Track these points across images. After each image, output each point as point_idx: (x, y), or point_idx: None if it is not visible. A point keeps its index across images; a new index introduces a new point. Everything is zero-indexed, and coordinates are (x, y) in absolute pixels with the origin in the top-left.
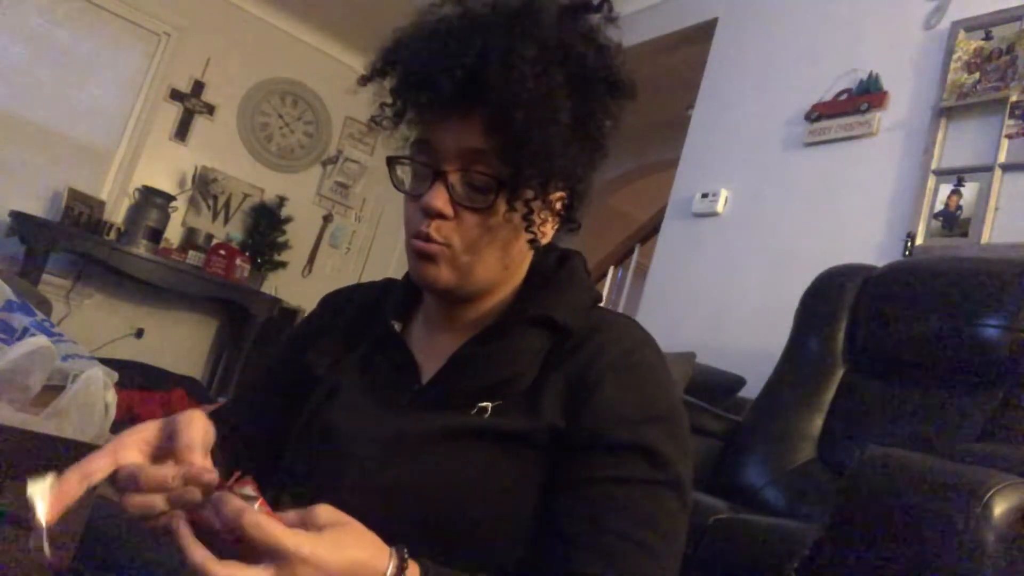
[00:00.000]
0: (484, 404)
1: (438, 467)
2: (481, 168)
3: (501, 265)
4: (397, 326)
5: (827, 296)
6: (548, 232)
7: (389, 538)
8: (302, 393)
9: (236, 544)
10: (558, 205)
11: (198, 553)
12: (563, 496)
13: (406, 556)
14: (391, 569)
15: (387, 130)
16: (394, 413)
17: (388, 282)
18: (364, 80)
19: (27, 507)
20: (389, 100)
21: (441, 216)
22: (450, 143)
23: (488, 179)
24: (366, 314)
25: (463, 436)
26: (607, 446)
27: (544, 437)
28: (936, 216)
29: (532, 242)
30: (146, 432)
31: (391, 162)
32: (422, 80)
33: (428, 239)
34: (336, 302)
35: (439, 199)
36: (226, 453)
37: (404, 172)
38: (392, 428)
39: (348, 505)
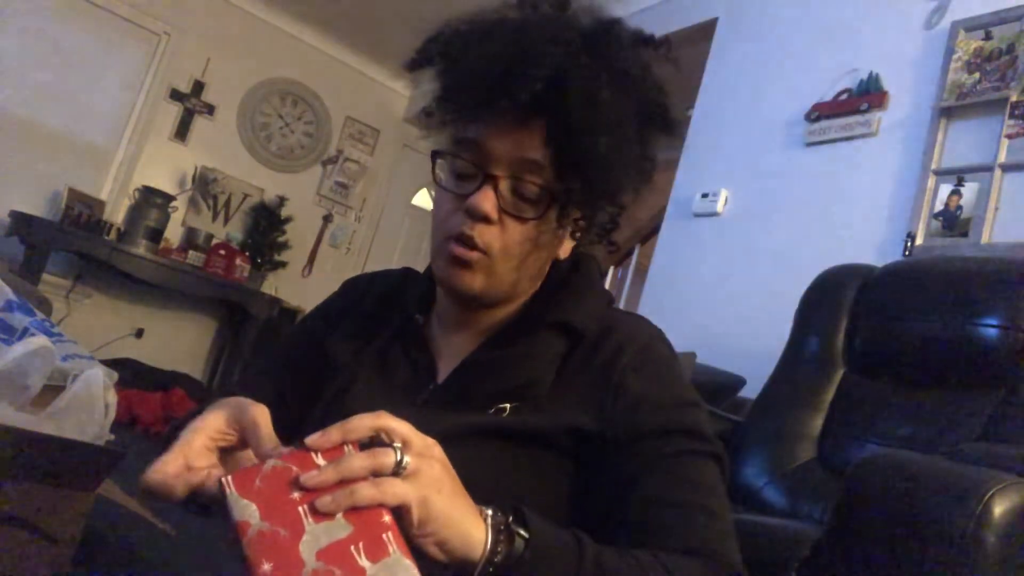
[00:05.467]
0: (503, 405)
1: (454, 465)
2: (535, 179)
3: (530, 275)
4: (420, 321)
5: (827, 296)
6: (568, 246)
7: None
8: (315, 375)
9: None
10: (609, 222)
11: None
12: (618, 493)
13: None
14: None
15: (435, 124)
16: (410, 410)
17: (408, 272)
18: (414, 66)
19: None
20: (440, 92)
21: (486, 220)
22: (505, 149)
23: (541, 190)
24: (386, 303)
25: (481, 435)
26: (649, 433)
27: (565, 440)
28: (936, 216)
29: (577, 248)
30: (211, 430)
31: (436, 155)
32: (495, 84)
33: (469, 243)
34: (357, 288)
35: (487, 202)
36: None
37: (443, 167)
38: (417, 424)
39: None
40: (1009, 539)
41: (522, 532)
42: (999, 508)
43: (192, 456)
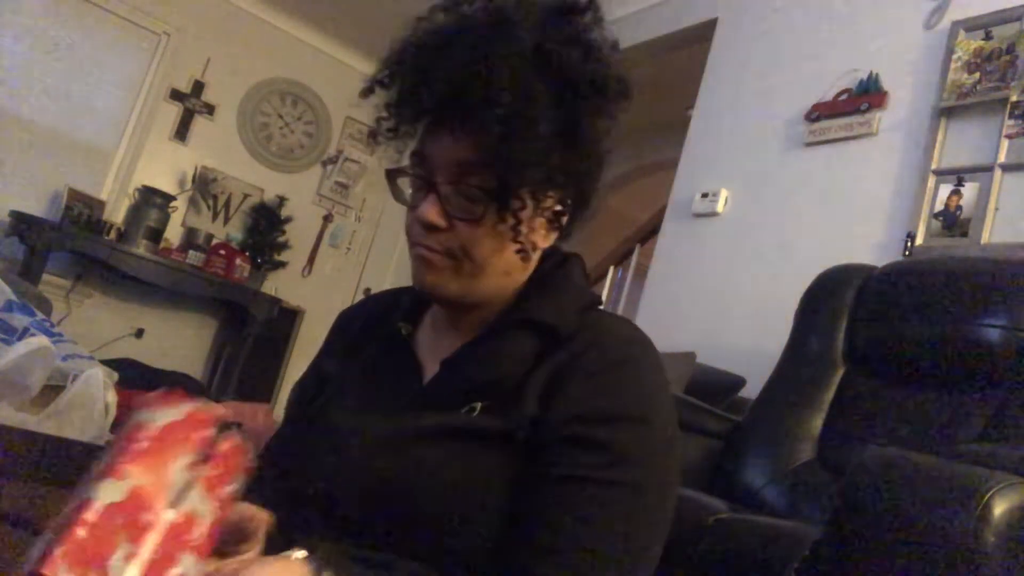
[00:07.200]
0: (475, 404)
1: (421, 463)
2: (473, 180)
3: (501, 272)
4: (404, 329)
5: (827, 296)
6: (540, 240)
7: (376, 531)
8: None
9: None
10: (550, 213)
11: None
12: (523, 492)
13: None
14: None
15: (384, 142)
16: (391, 412)
17: (400, 291)
18: (365, 92)
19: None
20: (385, 112)
21: (434, 227)
22: (443, 155)
23: (477, 190)
24: (376, 322)
25: (451, 435)
26: (562, 441)
27: (525, 434)
28: (936, 216)
29: (520, 251)
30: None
31: (390, 175)
32: (409, 94)
33: (429, 249)
34: (349, 316)
35: (431, 211)
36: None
37: (404, 183)
38: (386, 426)
39: (339, 498)
40: (1009, 539)
41: None
42: (999, 508)
43: None
